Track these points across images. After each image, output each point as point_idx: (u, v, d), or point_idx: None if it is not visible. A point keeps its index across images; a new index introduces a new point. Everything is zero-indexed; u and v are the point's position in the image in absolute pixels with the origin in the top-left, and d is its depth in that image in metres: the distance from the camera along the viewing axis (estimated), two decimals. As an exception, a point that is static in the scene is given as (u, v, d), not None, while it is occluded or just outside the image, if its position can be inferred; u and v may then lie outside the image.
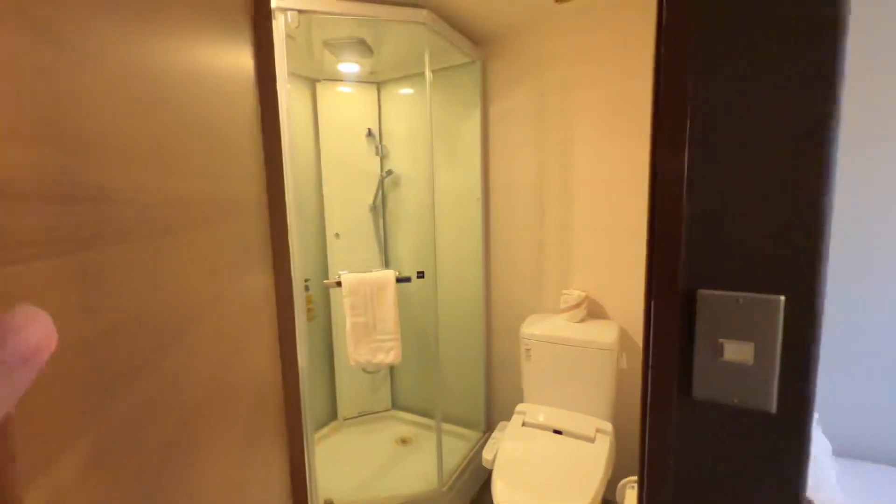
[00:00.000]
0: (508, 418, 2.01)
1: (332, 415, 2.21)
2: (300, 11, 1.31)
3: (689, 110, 0.41)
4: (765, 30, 0.38)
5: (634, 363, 1.66)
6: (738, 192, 0.41)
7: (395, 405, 2.32)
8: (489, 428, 2.06)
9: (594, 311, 1.73)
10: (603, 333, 1.56)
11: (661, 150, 0.43)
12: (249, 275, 0.57)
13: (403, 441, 2.07)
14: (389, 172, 2.07)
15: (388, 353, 1.51)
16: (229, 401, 0.48)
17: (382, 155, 2.12)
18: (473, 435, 2.04)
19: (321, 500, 1.53)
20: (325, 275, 2.08)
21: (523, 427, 1.57)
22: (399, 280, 1.53)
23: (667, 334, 0.45)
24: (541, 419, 1.57)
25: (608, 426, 1.52)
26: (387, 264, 2.19)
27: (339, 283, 1.54)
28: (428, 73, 1.56)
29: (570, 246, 1.75)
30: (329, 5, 1.35)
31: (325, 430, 2.13)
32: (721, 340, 0.42)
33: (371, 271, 2.04)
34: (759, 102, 0.39)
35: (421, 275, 1.56)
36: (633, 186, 1.59)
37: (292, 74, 1.89)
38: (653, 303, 0.46)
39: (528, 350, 1.65)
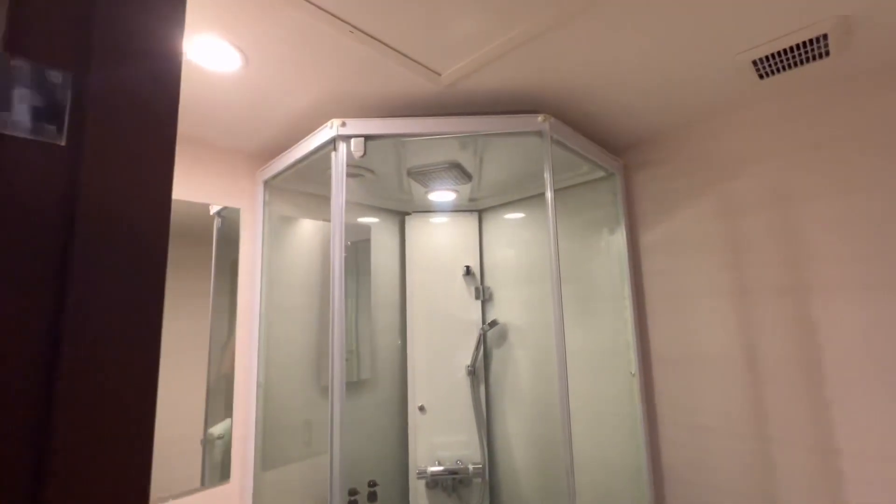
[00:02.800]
0: None
1: None
2: (368, 137, 0.96)
3: None
4: None
5: None
6: None
7: None
8: None
9: None
10: None
11: None
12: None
13: None
14: (494, 323, 1.52)
15: None
16: None
17: (484, 299, 1.60)
18: None
19: None
20: (405, 469, 1.48)
21: None
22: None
23: None
24: None
25: None
26: (490, 454, 1.52)
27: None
28: (549, 195, 1.06)
29: (840, 485, 0.90)
30: (405, 126, 0.98)
31: None
32: None
33: (465, 469, 1.38)
34: None
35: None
36: None
37: (373, 208, 1.58)
38: None
39: None
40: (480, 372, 1.56)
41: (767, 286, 1.02)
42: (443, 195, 1.50)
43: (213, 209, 1.18)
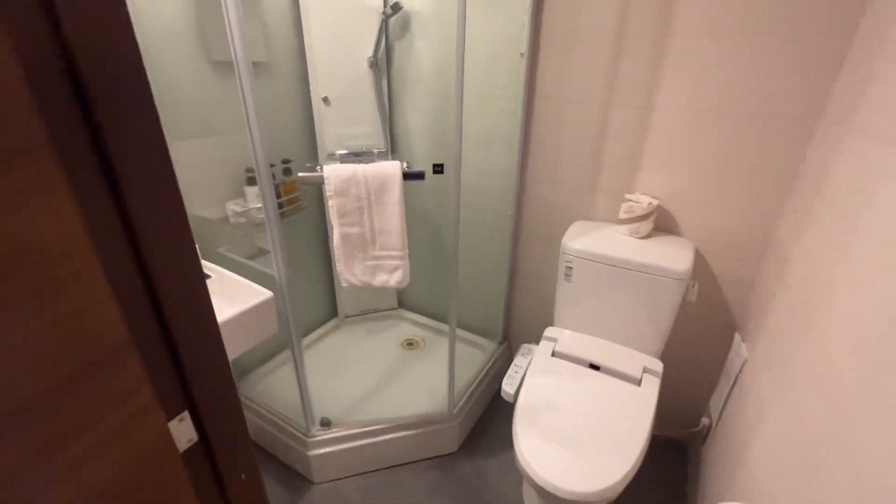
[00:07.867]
0: (530, 337, 1.78)
1: (332, 312, 2.00)
2: None
3: None
4: None
5: (702, 293, 1.32)
6: None
7: (403, 304, 2.10)
8: (506, 338, 1.85)
9: (661, 223, 1.32)
10: (674, 257, 1.18)
11: None
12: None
13: (410, 344, 1.89)
14: (396, 8, 1.45)
15: (392, 274, 1.16)
16: None
17: (386, -21, 1.46)
18: (488, 345, 1.83)
19: (316, 418, 1.37)
20: (314, 152, 1.63)
21: (553, 358, 1.31)
22: (408, 176, 1.10)
23: None
24: (576, 350, 1.30)
25: (658, 366, 1.25)
26: (392, 143, 1.72)
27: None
28: None
29: (645, 133, 1.26)
30: None
31: (325, 328, 1.94)
32: None
33: (370, 153, 1.58)
34: None
35: (439, 169, 1.12)
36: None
37: None
38: None
39: (569, 268, 1.30)
40: (383, 65, 1.58)
41: (653, -43, 1.10)
42: None
43: None
